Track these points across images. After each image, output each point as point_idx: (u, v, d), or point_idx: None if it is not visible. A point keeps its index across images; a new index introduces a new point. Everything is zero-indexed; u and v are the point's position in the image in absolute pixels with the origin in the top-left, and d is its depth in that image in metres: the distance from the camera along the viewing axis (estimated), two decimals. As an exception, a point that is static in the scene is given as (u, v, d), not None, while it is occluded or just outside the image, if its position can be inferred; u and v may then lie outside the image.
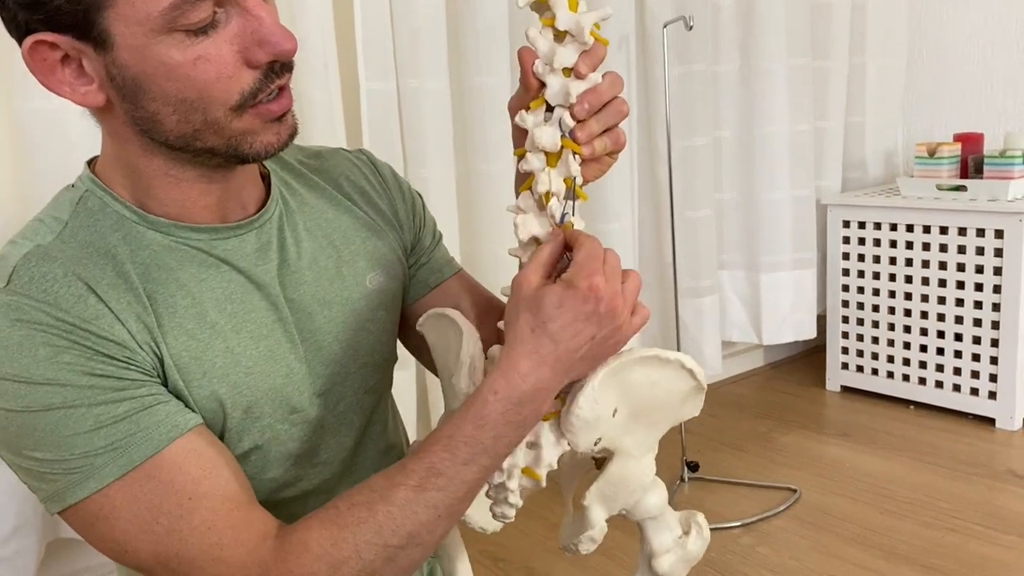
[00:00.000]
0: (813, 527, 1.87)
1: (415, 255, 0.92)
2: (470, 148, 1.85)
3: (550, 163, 0.70)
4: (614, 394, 0.69)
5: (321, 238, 0.82)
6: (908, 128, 2.85)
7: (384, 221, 0.88)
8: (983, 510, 1.88)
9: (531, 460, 0.71)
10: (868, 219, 2.46)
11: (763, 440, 2.33)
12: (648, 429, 0.73)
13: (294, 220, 0.81)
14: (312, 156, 0.89)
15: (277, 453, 0.77)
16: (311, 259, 0.80)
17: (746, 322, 2.59)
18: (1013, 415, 2.26)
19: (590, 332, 0.65)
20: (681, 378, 0.71)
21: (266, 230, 0.78)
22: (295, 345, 0.78)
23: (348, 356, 0.82)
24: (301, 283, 0.79)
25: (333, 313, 0.80)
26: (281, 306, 0.77)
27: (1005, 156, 2.28)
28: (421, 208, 0.94)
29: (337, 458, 0.83)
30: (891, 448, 2.22)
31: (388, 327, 0.87)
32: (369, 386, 0.85)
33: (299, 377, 0.78)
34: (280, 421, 0.76)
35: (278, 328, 0.77)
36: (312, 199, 0.84)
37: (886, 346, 2.49)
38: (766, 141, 2.43)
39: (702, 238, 2.33)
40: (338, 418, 0.82)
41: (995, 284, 2.24)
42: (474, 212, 1.89)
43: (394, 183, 0.92)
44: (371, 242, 0.86)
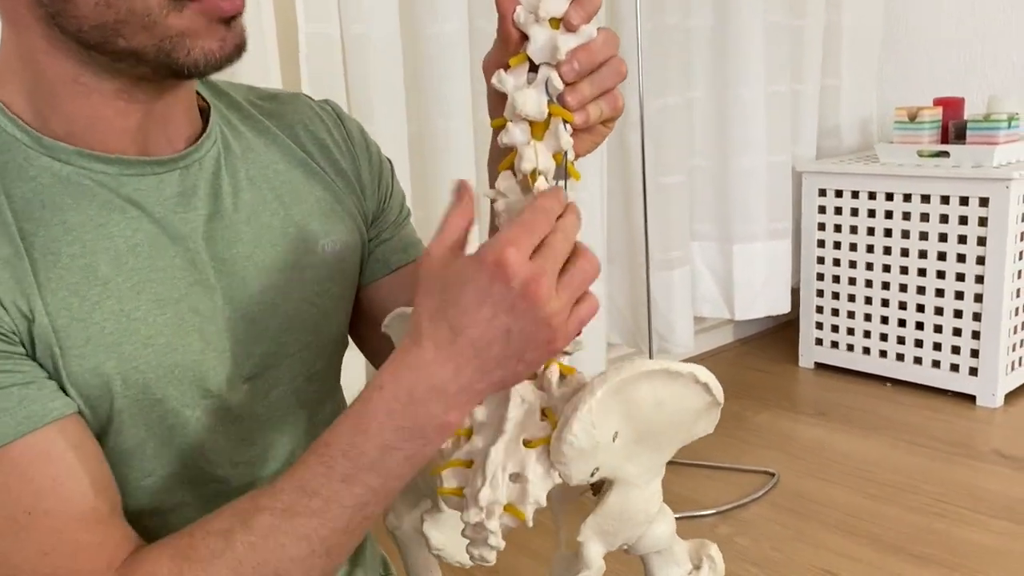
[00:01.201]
0: (794, 514, 1.75)
1: (376, 228, 0.79)
2: (424, 103, 1.68)
3: (536, 135, 0.58)
4: (615, 416, 0.57)
5: (267, 191, 0.69)
6: (883, 94, 2.74)
7: (344, 182, 0.75)
8: (970, 493, 1.78)
9: (515, 496, 0.57)
10: (845, 187, 2.34)
11: (736, 420, 2.21)
12: (654, 453, 0.61)
13: (235, 166, 0.68)
14: (266, 98, 0.76)
15: (183, 444, 0.64)
16: (251, 213, 0.67)
17: (717, 296, 2.46)
18: (995, 392, 2.16)
19: (502, 323, 0.51)
20: (694, 394, 0.59)
21: (194, 172, 0.65)
22: (215, 315, 0.64)
23: (287, 334, 0.69)
24: (235, 241, 0.66)
25: (272, 280, 0.67)
26: (203, 265, 0.64)
27: (990, 120, 2.17)
28: (389, 176, 0.81)
29: (270, 459, 0.70)
30: (870, 427, 2.11)
31: (340, 304, 0.74)
32: (311, 373, 0.72)
33: (217, 354, 0.64)
34: (187, 406, 0.63)
35: (196, 292, 0.63)
36: (260, 146, 0.71)
37: (862, 321, 2.38)
38: (741, 103, 2.29)
39: (674, 206, 2.19)
40: (269, 409, 0.69)
41: (978, 255, 2.14)
42: (429, 174, 1.72)
43: (361, 142, 0.78)
44: (327, 203, 0.73)
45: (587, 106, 0.58)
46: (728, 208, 2.38)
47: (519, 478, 0.57)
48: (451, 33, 1.63)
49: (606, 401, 0.56)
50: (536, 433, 0.58)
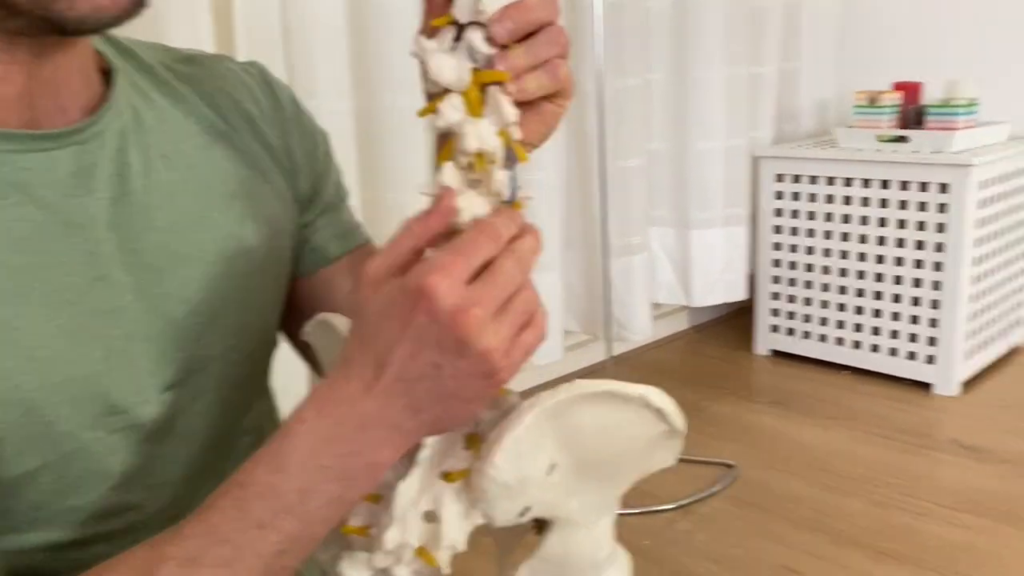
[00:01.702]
0: (755, 508, 1.70)
1: (311, 212, 0.69)
2: (372, 76, 1.57)
3: (472, 111, 0.48)
4: (550, 445, 0.49)
5: (184, 169, 0.59)
6: (841, 77, 2.70)
7: (273, 160, 0.65)
8: (932, 485, 1.75)
9: (428, 538, 0.49)
10: (804, 172, 2.30)
11: (693, 409, 2.16)
12: (602, 487, 0.54)
13: (145, 141, 0.58)
14: (183, 60, 0.65)
15: (83, 472, 0.54)
16: (166, 196, 0.58)
17: (674, 282, 2.40)
18: (952, 380, 2.15)
19: (429, 359, 0.44)
20: (645, 420, 0.51)
21: (94, 148, 0.55)
22: (124, 315, 0.54)
23: (212, 334, 0.59)
24: (147, 228, 0.56)
25: (192, 272, 0.58)
26: (107, 258, 0.54)
27: (948, 105, 2.14)
28: (324, 151, 0.71)
29: (191, 477, 0.61)
30: (828, 417, 2.08)
31: (270, 299, 0.65)
32: (239, 377, 0.63)
33: (126, 363, 0.54)
34: (86, 427, 0.53)
35: (98, 290, 0.53)
36: (177, 117, 0.61)
37: (819, 308, 2.35)
38: (700, 85, 2.22)
39: (633, 191, 2.12)
40: (191, 422, 0.60)
41: (937, 242, 2.11)
42: (377, 154, 1.61)
43: (293, 112, 0.68)
44: (254, 184, 0.63)
45: (523, 76, 0.49)
46: (686, 193, 2.32)
47: (433, 517, 0.49)
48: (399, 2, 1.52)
49: (538, 428, 0.48)
50: (457, 464, 0.50)
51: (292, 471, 0.46)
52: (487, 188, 0.49)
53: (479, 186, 0.49)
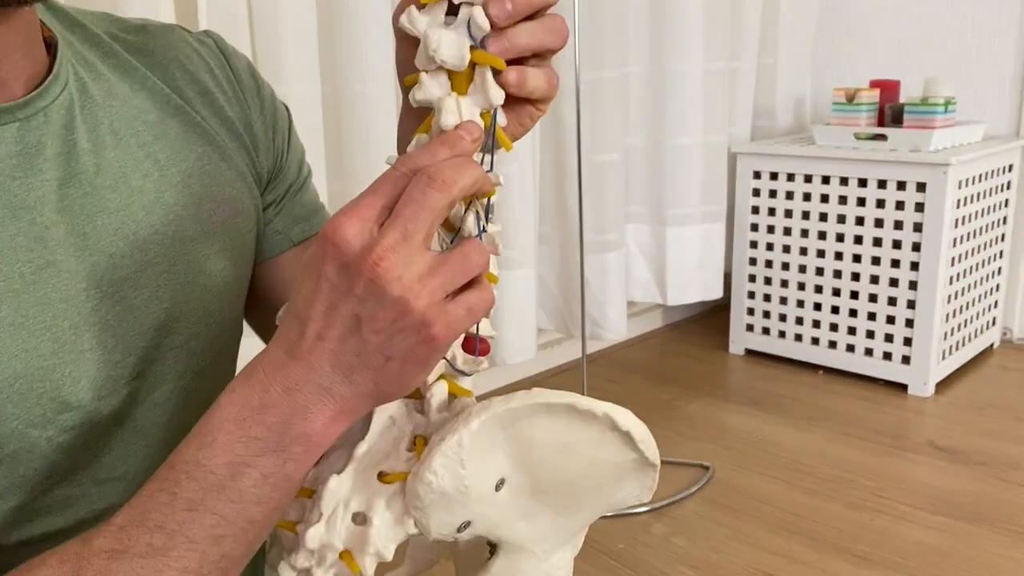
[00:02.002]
0: (731, 511, 1.67)
1: (273, 192, 0.66)
2: (341, 61, 1.51)
3: (457, 88, 0.45)
4: (500, 457, 0.45)
5: (136, 148, 0.56)
6: (818, 75, 2.68)
7: (231, 135, 0.62)
8: (908, 488, 1.73)
9: (355, 542, 0.45)
10: (781, 169, 2.27)
11: (667, 409, 2.13)
12: (558, 515, 0.48)
13: (95, 116, 0.54)
14: (132, 30, 0.61)
15: (30, 472, 0.50)
16: (118, 176, 0.54)
17: (649, 280, 2.36)
18: (927, 381, 2.13)
19: (347, 310, 0.41)
20: (610, 445, 0.45)
21: (38, 125, 0.51)
22: (75, 305, 0.51)
23: (172, 322, 0.56)
24: (99, 211, 0.53)
25: (150, 257, 0.55)
26: (57, 243, 0.50)
27: (927, 104, 2.12)
28: (286, 127, 0.67)
29: (138, 471, 0.57)
30: (804, 418, 2.05)
31: (233, 283, 0.61)
32: (201, 367, 0.59)
33: (78, 356, 0.51)
34: (34, 425, 0.49)
35: (47, 278, 0.49)
36: (126, 91, 0.57)
37: (795, 307, 2.32)
38: (678, 79, 2.18)
39: (609, 185, 2.08)
40: (149, 415, 0.56)
41: (914, 241, 2.09)
42: (346, 142, 1.55)
43: (251, 84, 0.64)
44: (211, 161, 0.60)
45: (523, 69, 0.46)
46: (662, 189, 2.28)
47: (363, 520, 0.45)
48: (372, -14, 1.47)
49: (487, 435, 0.43)
50: (396, 465, 0.45)
51: (219, 445, 0.43)
52: None
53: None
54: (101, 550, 0.42)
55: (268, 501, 0.44)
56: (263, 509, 0.44)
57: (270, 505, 0.44)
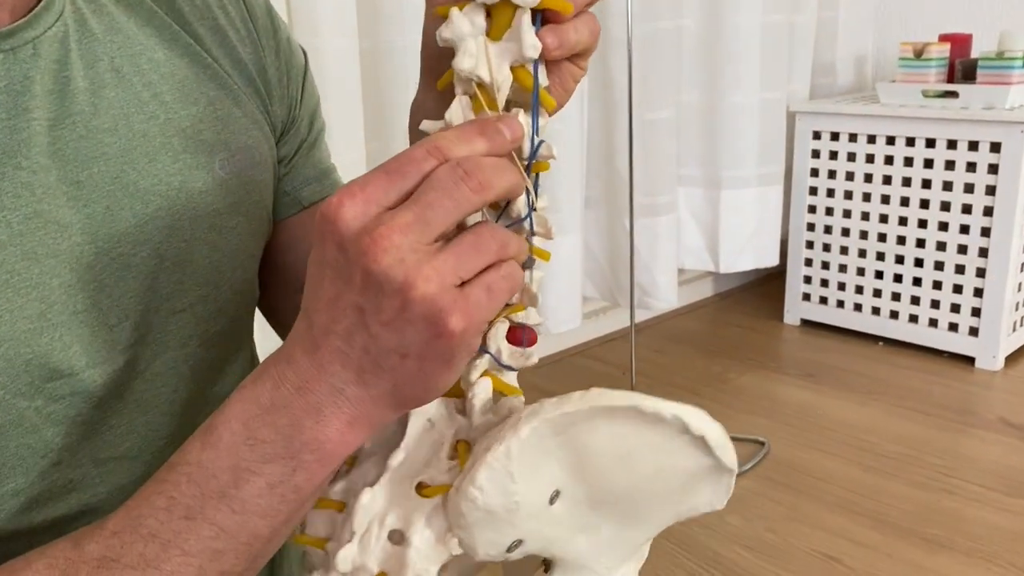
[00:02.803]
0: (788, 489, 1.59)
1: (285, 147, 0.60)
2: (381, 12, 1.43)
3: (492, 33, 0.38)
4: (555, 467, 0.39)
5: (141, 87, 0.50)
6: (881, 30, 2.54)
7: (245, 79, 0.56)
8: (979, 467, 1.63)
9: (391, 564, 0.39)
10: (842, 129, 2.15)
11: (719, 382, 2.04)
12: (622, 527, 0.43)
13: (93, 51, 0.48)
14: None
15: (19, 448, 0.45)
16: (119, 117, 0.48)
17: (701, 247, 2.27)
18: (996, 354, 2.01)
19: (349, 300, 0.36)
20: (682, 450, 0.39)
21: (26, 58, 0.45)
22: (67, 261, 0.45)
23: (176, 283, 0.52)
24: (96, 156, 0.47)
25: (151, 210, 0.49)
26: (47, 191, 0.45)
27: (1003, 58, 1.98)
28: (300, 74, 0.61)
29: (149, 449, 0.52)
30: (864, 391, 1.95)
31: (246, 242, 0.55)
32: (210, 334, 0.54)
33: (68, 318, 0.45)
34: (24, 396, 0.44)
35: (34, 230, 0.44)
36: (131, 26, 0.51)
37: (855, 275, 2.21)
38: (735, 32, 2.06)
39: (660, 145, 1.98)
40: (149, 385, 0.51)
41: (986, 206, 1.96)
42: (386, 100, 1.48)
43: (267, 25, 0.58)
44: (224, 106, 0.54)
45: (564, 29, 0.39)
46: (716, 150, 2.17)
47: (400, 540, 0.39)
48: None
49: (538, 444, 0.37)
50: (437, 476, 0.39)
51: (223, 446, 0.38)
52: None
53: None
54: (91, 557, 0.38)
55: (275, 514, 0.38)
56: (269, 523, 0.38)
57: (277, 519, 0.38)
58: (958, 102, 2.00)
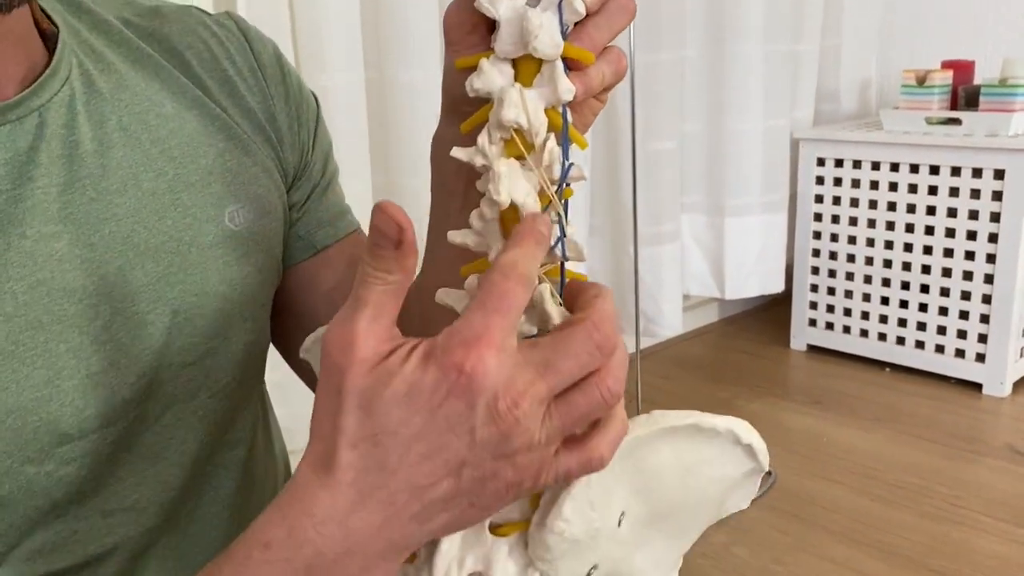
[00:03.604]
0: (795, 519, 1.58)
1: (297, 193, 0.60)
2: (385, 48, 1.44)
3: (523, 78, 0.40)
4: (623, 490, 0.42)
5: (149, 144, 0.50)
6: (884, 56, 2.55)
7: (254, 127, 0.56)
8: (988, 496, 1.62)
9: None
10: (846, 156, 2.16)
11: (726, 409, 2.02)
12: (671, 539, 0.46)
13: (101, 112, 0.49)
14: (146, 14, 0.56)
15: (30, 510, 0.45)
16: (127, 177, 0.49)
17: (706, 273, 2.27)
18: (1004, 380, 2.01)
19: (455, 455, 0.34)
20: (732, 458, 0.44)
21: (31, 127, 0.46)
22: (75, 326, 0.45)
23: (185, 337, 0.51)
24: (106, 218, 0.47)
25: (163, 267, 0.49)
26: (54, 257, 0.45)
27: (1006, 85, 1.99)
28: (312, 118, 0.61)
29: (150, 500, 0.52)
30: (871, 419, 1.95)
31: (258, 291, 0.55)
32: (219, 385, 0.54)
33: (80, 382, 0.45)
34: (30, 461, 0.44)
35: (39, 298, 0.44)
36: (138, 81, 0.52)
37: (860, 301, 2.21)
38: (738, 61, 2.08)
39: (664, 175, 1.99)
40: (160, 439, 0.51)
41: (991, 232, 1.96)
42: (392, 135, 1.49)
43: (275, 72, 0.59)
44: (234, 157, 0.54)
45: (589, 75, 0.40)
46: (720, 177, 2.18)
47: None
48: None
49: (610, 470, 0.39)
50: (509, 514, 0.41)
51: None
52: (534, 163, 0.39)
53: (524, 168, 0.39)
54: None
55: None
56: None
57: None
58: (961, 129, 2.01)
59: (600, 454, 0.36)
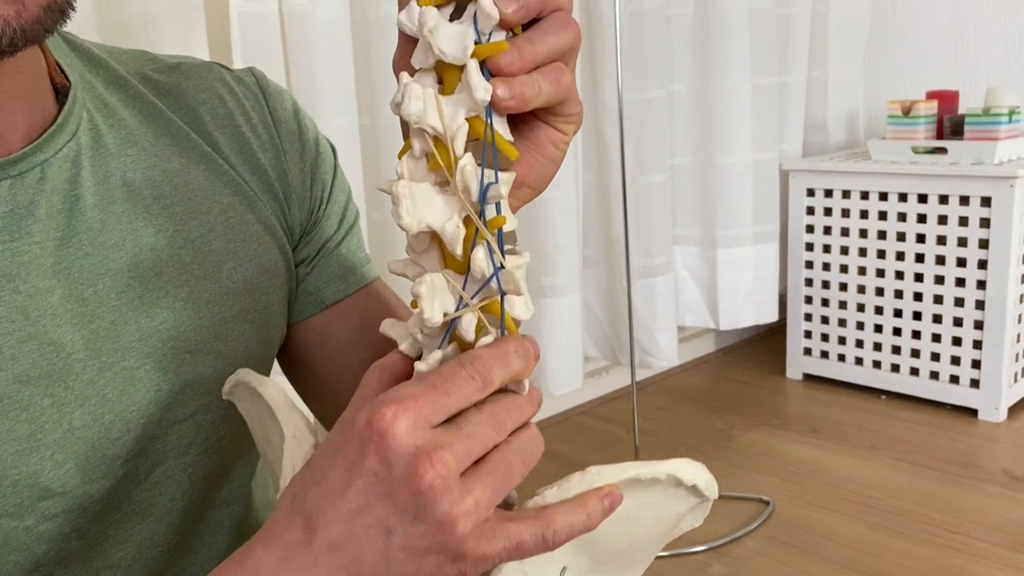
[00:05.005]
0: (793, 549, 1.58)
1: (306, 247, 0.59)
2: (378, 91, 1.47)
3: (446, 85, 0.37)
4: (561, 551, 0.40)
5: (151, 200, 0.50)
6: (870, 87, 2.59)
7: (262, 184, 0.56)
8: (984, 522, 1.62)
9: None
10: (835, 186, 2.18)
11: (723, 439, 2.04)
12: (622, 573, 0.46)
13: (105, 167, 0.49)
14: (166, 70, 0.56)
15: (9, 565, 0.46)
16: (126, 232, 0.49)
17: (701, 304, 2.28)
18: (998, 405, 2.02)
19: (377, 518, 0.34)
20: (675, 498, 0.43)
21: (33, 182, 0.46)
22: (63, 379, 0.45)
23: (177, 394, 0.50)
24: (100, 273, 0.48)
25: (156, 323, 0.49)
26: (43, 313, 0.45)
27: (990, 114, 2.02)
28: (329, 174, 0.61)
29: (138, 557, 0.52)
30: (867, 446, 1.95)
31: (255, 348, 0.55)
32: (211, 442, 0.53)
33: (64, 437, 0.46)
34: (10, 515, 0.44)
35: (27, 353, 0.44)
36: (147, 137, 0.52)
37: (854, 329, 2.22)
38: (725, 96, 2.11)
39: (655, 208, 2.01)
40: (148, 494, 0.51)
41: (980, 259, 1.98)
42: (385, 172, 1.52)
43: (291, 128, 0.58)
44: (236, 214, 0.54)
45: (518, 80, 0.37)
46: (711, 210, 2.20)
47: None
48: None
49: None
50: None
51: None
52: (449, 181, 0.37)
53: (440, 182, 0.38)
54: None
55: None
56: None
57: None
58: (947, 158, 2.03)
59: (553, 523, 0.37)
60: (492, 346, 0.38)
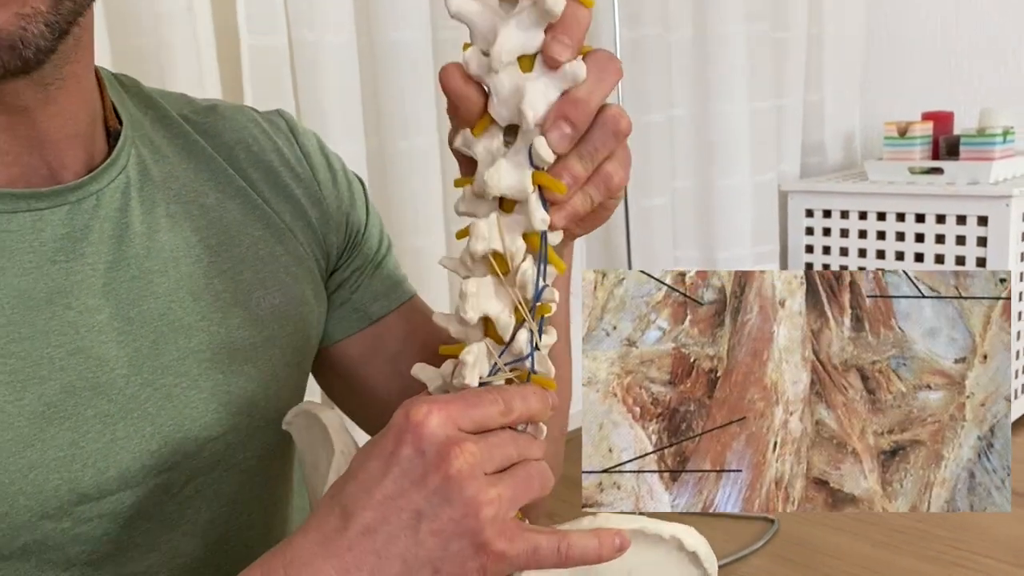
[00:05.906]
0: (798, 567, 1.59)
1: (347, 269, 0.65)
2: (384, 119, 1.50)
3: (505, 203, 0.43)
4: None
5: (190, 232, 0.55)
6: (866, 108, 2.63)
7: (296, 214, 0.61)
8: (988, 537, 1.63)
9: None
10: (834, 207, 2.21)
11: (726, 458, 2.05)
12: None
13: (152, 198, 0.54)
14: (203, 111, 0.62)
15: (44, 564, 0.49)
16: (169, 260, 0.54)
17: (702, 325, 2.30)
18: (999, 423, 2.03)
19: (410, 502, 0.37)
20: (676, 564, 0.45)
21: (88, 209, 0.50)
22: (106, 391, 0.49)
23: (210, 413, 0.54)
24: (145, 295, 0.52)
25: (193, 344, 0.54)
26: (94, 328, 0.49)
27: (984, 135, 2.05)
28: (363, 201, 0.67)
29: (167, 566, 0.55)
30: (870, 464, 1.96)
31: (284, 373, 0.60)
32: (238, 459, 0.57)
33: (106, 446, 0.49)
34: (48, 517, 0.48)
35: (74, 364, 0.48)
36: (188, 171, 0.58)
37: (855, 348, 2.24)
38: (724, 119, 2.15)
39: (657, 230, 2.04)
40: (178, 507, 0.54)
41: (978, 277, 2.00)
42: (392, 199, 1.54)
43: (321, 162, 0.64)
44: (266, 246, 0.59)
45: (571, 203, 0.43)
46: (712, 231, 2.23)
47: None
48: (410, 43, 1.46)
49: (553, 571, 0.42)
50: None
51: None
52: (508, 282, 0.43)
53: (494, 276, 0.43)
54: None
55: None
56: None
57: None
58: (943, 178, 2.07)
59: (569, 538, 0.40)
60: (515, 385, 0.42)
